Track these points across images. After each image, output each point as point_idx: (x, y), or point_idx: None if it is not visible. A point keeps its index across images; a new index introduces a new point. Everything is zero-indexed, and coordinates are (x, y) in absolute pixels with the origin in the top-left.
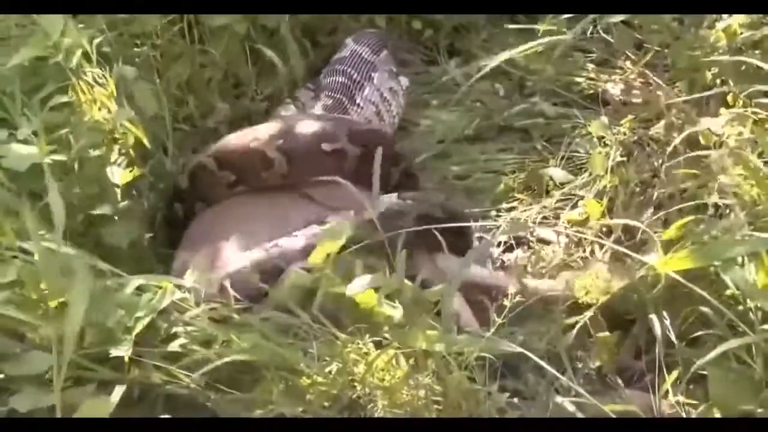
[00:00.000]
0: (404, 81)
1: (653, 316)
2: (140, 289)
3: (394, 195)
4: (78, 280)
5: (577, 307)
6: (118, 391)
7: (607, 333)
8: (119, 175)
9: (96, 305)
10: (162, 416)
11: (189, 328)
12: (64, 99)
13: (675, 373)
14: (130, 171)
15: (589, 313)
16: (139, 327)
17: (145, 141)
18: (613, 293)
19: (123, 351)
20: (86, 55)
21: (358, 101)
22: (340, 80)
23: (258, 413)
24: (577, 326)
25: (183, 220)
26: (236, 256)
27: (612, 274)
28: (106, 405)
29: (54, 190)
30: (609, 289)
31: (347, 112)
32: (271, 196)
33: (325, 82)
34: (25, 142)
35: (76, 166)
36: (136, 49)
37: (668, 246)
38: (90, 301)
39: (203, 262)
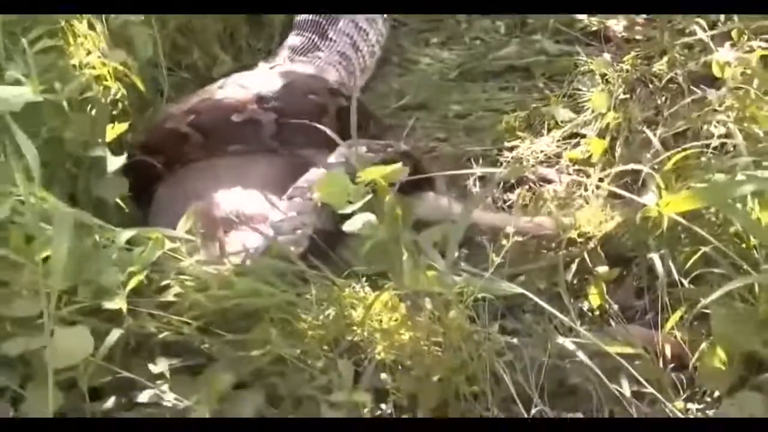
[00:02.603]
0: None
1: (655, 255)
2: (130, 242)
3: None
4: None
5: (577, 244)
6: (115, 334)
7: (606, 268)
8: (109, 130)
9: (87, 262)
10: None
11: (182, 277)
12: (52, 43)
13: (679, 312)
14: (113, 127)
15: (589, 246)
16: (133, 282)
17: (140, 85)
18: (613, 227)
19: (116, 303)
20: None
21: (330, 35)
22: (312, 17)
23: (255, 353)
24: (577, 260)
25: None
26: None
27: (612, 209)
28: (85, 337)
29: (23, 138)
30: (609, 221)
31: (317, 48)
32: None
33: (297, 20)
34: (13, 84)
35: (67, 109)
36: None
37: (671, 183)
38: (81, 257)
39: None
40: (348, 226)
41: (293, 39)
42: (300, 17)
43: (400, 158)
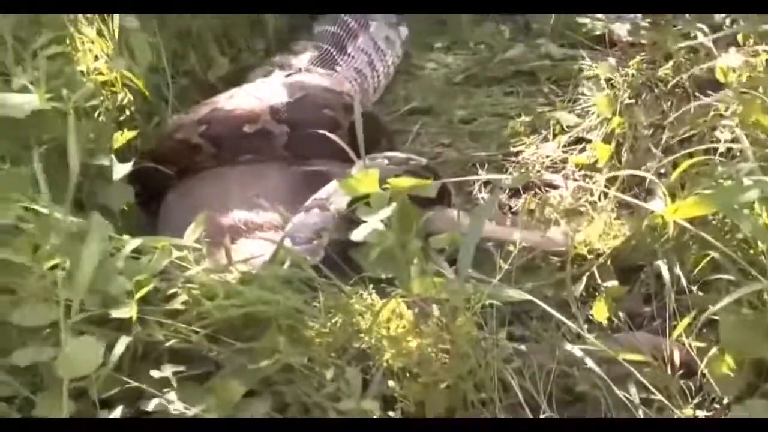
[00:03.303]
0: (404, 31)
1: (662, 262)
2: (137, 251)
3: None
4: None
5: (584, 258)
6: (123, 342)
7: (615, 283)
8: (116, 137)
9: (95, 270)
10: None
11: (190, 286)
12: (60, 49)
13: (687, 318)
14: (120, 133)
15: (598, 262)
16: (141, 292)
17: (146, 92)
18: (621, 242)
19: (125, 313)
20: None
21: (349, 51)
22: (332, 30)
23: (264, 363)
24: (586, 275)
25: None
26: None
27: (620, 222)
28: (96, 348)
29: (72, 140)
30: (617, 237)
31: (335, 62)
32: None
33: (317, 31)
34: (20, 91)
35: (73, 117)
36: None
37: (678, 189)
38: None
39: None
40: (356, 236)
41: (311, 49)
42: (320, 29)
43: (422, 172)
